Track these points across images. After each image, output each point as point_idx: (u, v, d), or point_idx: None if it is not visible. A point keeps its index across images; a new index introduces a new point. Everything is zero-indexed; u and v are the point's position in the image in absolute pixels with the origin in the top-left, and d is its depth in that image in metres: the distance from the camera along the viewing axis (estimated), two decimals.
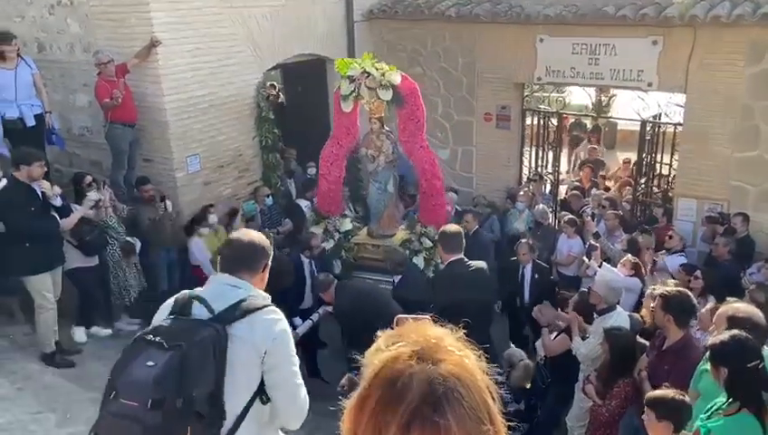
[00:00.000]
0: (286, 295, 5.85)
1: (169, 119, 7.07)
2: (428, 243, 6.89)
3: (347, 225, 7.37)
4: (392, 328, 1.14)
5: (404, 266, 6.12)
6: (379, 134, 6.92)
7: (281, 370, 2.26)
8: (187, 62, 7.13)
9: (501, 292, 6.62)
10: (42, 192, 5.24)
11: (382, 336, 1.10)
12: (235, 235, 2.54)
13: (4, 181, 5.94)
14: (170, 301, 2.33)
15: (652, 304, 3.91)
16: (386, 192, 7.07)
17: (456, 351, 1.04)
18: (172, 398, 1.98)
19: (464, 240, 5.15)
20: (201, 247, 6.89)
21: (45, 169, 5.36)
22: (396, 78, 6.48)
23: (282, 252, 6.83)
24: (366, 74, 6.48)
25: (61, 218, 5.41)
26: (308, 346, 6.17)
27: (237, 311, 2.21)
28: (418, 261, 6.81)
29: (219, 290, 2.29)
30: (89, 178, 6.40)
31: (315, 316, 6.16)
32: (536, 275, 6.67)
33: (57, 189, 5.51)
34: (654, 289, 4.13)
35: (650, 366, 3.85)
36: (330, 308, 5.85)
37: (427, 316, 1.56)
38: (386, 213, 7.14)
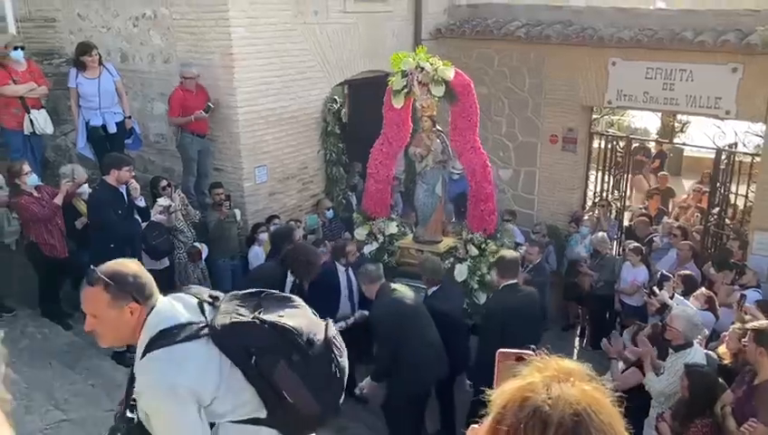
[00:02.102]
0: (322, 302, 5.76)
1: (241, 130, 7.25)
2: (474, 250, 6.48)
3: (392, 228, 7.05)
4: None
5: (439, 276, 5.68)
6: (429, 133, 6.55)
7: None
8: (261, 76, 7.31)
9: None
10: (128, 196, 5.47)
11: (514, 377, 1.11)
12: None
13: (86, 187, 6.25)
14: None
15: (744, 340, 3.75)
16: (433, 195, 6.68)
17: (587, 383, 1.05)
18: None
19: (520, 266, 5.26)
20: (259, 256, 7.00)
21: (133, 174, 5.62)
22: (449, 73, 6.13)
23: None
24: (419, 69, 6.17)
25: (142, 221, 5.63)
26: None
27: None
28: (462, 269, 6.41)
29: None
30: (164, 182, 6.63)
31: (350, 320, 5.88)
32: None
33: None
34: (737, 326, 3.96)
35: (737, 402, 3.69)
36: (366, 312, 5.56)
37: (531, 351, 1.54)
38: (433, 217, 6.76)
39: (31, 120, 6.57)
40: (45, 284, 6.10)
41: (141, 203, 5.70)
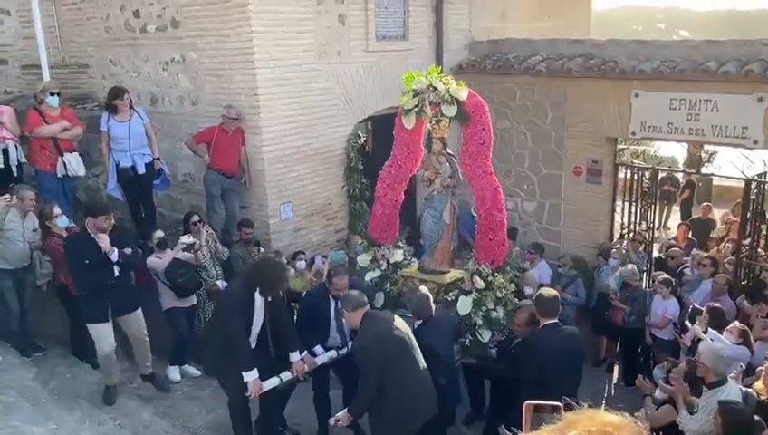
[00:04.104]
0: (310, 329, 5.42)
1: (267, 168, 7.39)
2: (480, 283, 5.90)
3: (398, 256, 6.61)
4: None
5: (426, 311, 5.19)
6: (438, 155, 6.23)
7: None
8: (285, 115, 7.47)
9: None
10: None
11: (547, 428, 1.08)
12: None
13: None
14: None
15: None
16: (440, 221, 6.29)
17: None
18: None
19: (559, 305, 5.00)
20: None
21: (112, 223, 5.32)
22: (462, 93, 5.84)
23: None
24: (432, 88, 5.90)
25: (125, 270, 5.41)
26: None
27: None
28: (465, 303, 5.92)
29: None
30: (195, 218, 6.72)
31: (343, 350, 5.43)
32: None
33: (108, 244, 5.25)
34: None
35: None
36: None
37: (559, 403, 1.50)
38: (439, 246, 6.33)
39: (64, 163, 6.77)
40: (75, 324, 6.19)
41: (114, 257, 5.21)
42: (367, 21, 8.27)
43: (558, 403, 1.52)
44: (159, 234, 6.46)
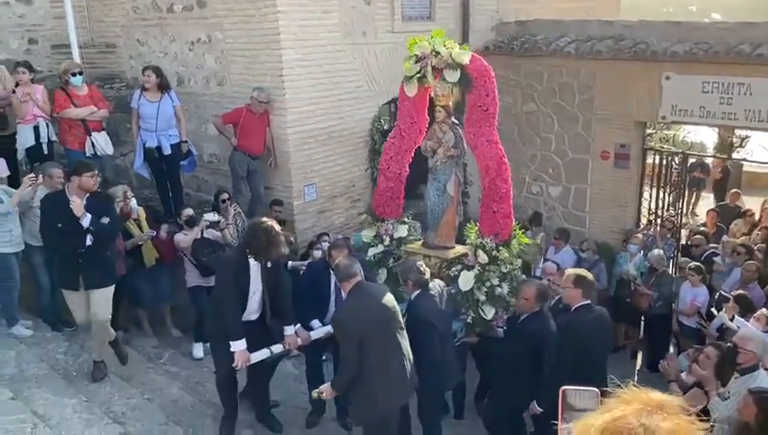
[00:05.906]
0: (309, 302, 5.22)
1: (291, 149, 7.41)
2: (484, 257, 5.56)
3: (402, 231, 6.34)
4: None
5: (421, 282, 4.85)
6: (441, 124, 5.94)
7: None
8: (310, 96, 7.47)
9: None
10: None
11: (592, 414, 1.09)
12: None
13: (135, 205, 6.32)
14: None
15: None
16: (444, 193, 6.04)
17: (677, 415, 1.03)
18: None
19: (593, 286, 4.97)
20: None
21: (97, 180, 5.09)
22: (465, 57, 5.52)
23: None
24: (435, 53, 5.58)
25: (100, 241, 5.01)
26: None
27: None
28: (467, 277, 5.60)
29: None
30: (225, 196, 6.77)
31: None
32: None
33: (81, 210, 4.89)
34: None
35: None
36: None
37: (594, 389, 1.50)
38: (443, 220, 6.09)
39: (92, 143, 6.84)
40: None
41: (85, 222, 4.85)
42: (393, 1, 8.20)
43: (593, 388, 1.51)
44: (189, 211, 6.52)
